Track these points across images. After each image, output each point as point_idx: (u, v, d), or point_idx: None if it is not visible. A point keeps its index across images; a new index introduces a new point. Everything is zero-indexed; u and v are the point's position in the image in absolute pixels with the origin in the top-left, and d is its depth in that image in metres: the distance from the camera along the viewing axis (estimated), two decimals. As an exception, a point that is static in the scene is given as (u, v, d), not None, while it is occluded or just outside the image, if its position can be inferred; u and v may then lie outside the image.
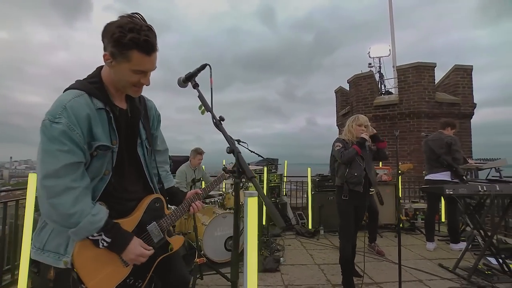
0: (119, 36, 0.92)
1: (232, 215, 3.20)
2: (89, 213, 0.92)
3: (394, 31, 9.61)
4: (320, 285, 2.60)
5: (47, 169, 0.89)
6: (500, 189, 2.66)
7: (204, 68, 1.14)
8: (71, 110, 0.92)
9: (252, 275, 0.99)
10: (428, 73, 7.29)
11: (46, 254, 0.98)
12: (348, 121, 2.71)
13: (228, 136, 1.00)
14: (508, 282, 2.54)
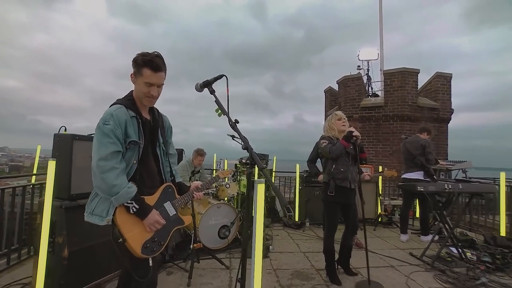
0: (136, 59, 1.39)
1: (225, 205, 3.46)
2: (126, 186, 1.32)
3: (383, 34, 10.01)
4: (305, 269, 2.90)
5: (101, 154, 1.30)
6: (462, 187, 3.05)
7: (220, 77, 1.38)
8: (116, 116, 1.36)
9: (259, 251, 1.23)
10: (412, 78, 7.72)
11: (94, 217, 1.38)
12: (326, 120, 2.82)
13: (243, 136, 1.25)
14: (463, 267, 2.94)
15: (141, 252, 1.33)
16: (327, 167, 2.68)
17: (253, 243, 1.22)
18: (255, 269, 1.21)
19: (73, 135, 2.19)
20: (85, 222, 2.18)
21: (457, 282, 2.65)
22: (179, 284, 2.45)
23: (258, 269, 1.21)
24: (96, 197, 1.40)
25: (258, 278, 1.21)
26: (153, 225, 1.38)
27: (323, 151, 2.66)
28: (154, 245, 1.40)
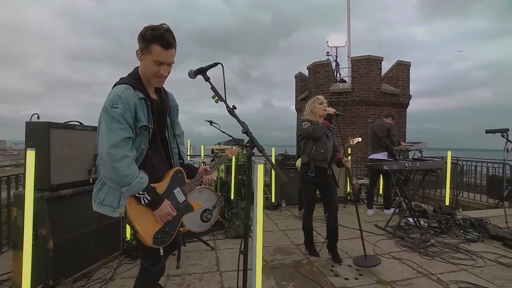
0: (144, 33, 1.25)
1: (206, 189, 3.53)
2: (138, 176, 1.24)
3: (350, 22, 10.37)
4: (285, 245, 3.14)
5: (111, 141, 1.19)
6: (419, 165, 3.48)
7: (216, 65, 1.40)
8: (124, 99, 1.23)
9: (259, 226, 1.35)
10: (376, 65, 8.23)
11: (104, 207, 1.30)
12: (307, 104, 2.85)
13: (241, 121, 1.32)
14: (418, 233, 3.44)
15: (153, 243, 1.31)
16: (307, 149, 2.72)
17: (254, 219, 1.33)
18: (257, 241, 1.33)
19: (49, 123, 2.07)
20: (68, 212, 2.16)
21: (413, 245, 3.08)
22: (168, 267, 2.52)
23: (260, 242, 1.34)
24: (104, 186, 1.32)
25: (260, 250, 1.35)
26: (165, 217, 1.32)
27: (306, 132, 2.67)
28: (165, 235, 1.37)
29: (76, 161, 2.27)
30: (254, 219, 1.34)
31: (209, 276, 2.39)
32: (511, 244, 3.06)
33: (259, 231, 1.33)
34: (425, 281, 2.35)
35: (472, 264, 2.67)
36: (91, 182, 2.35)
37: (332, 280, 2.33)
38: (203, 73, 1.39)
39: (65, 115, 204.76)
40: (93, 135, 2.43)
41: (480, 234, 3.41)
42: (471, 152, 11.55)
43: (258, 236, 1.34)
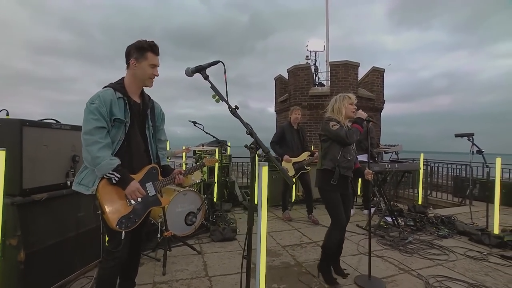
0: (141, 44, 1.61)
1: (191, 192, 3.43)
2: (108, 158, 1.46)
3: (328, 28, 10.70)
4: (272, 247, 3.13)
5: (86, 129, 1.46)
6: (398, 167, 3.66)
7: (215, 63, 1.35)
8: (102, 97, 1.52)
9: (264, 226, 1.32)
10: (353, 71, 8.55)
11: (81, 186, 1.54)
12: (334, 100, 2.45)
13: (245, 122, 1.28)
14: (397, 231, 3.61)
15: (116, 225, 1.48)
16: (331, 153, 2.32)
17: (258, 223, 1.31)
18: (261, 245, 1.30)
19: (22, 120, 1.88)
20: (42, 218, 1.97)
21: (393, 243, 3.23)
22: (153, 274, 2.40)
23: (263, 246, 1.31)
24: (85, 169, 1.56)
25: (263, 255, 1.32)
26: (134, 193, 1.51)
27: (336, 135, 2.28)
28: (129, 222, 1.55)
29: (52, 162, 2.08)
30: (258, 222, 1.31)
31: (198, 281, 2.31)
32: (476, 239, 3.31)
33: (263, 234, 1.30)
34: (407, 277, 2.46)
35: (446, 258, 2.85)
36: (69, 185, 2.17)
37: (321, 281, 2.36)
38: (202, 71, 1.35)
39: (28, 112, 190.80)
40: (71, 135, 2.25)
41: (450, 230, 3.66)
42: (435, 155, 12.47)
43: (262, 239, 1.31)
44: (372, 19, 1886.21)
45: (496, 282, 2.38)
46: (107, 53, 74.06)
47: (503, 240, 3.10)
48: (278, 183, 4.55)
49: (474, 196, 5.45)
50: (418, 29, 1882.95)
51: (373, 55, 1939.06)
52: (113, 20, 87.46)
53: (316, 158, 4.12)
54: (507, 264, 2.73)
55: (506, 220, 4.30)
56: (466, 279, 2.40)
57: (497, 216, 3.40)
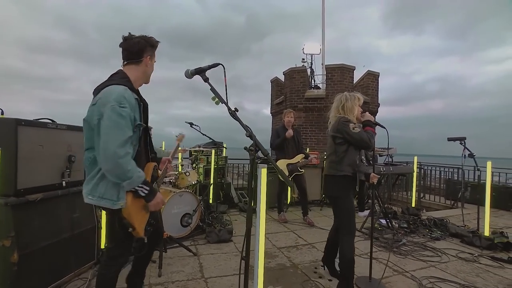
0: (153, 42, 1.57)
1: (187, 193, 3.42)
2: (137, 171, 1.37)
3: (325, 31, 10.80)
4: (268, 249, 3.14)
5: (120, 139, 1.30)
6: (393, 169, 3.72)
7: (215, 66, 1.36)
8: (129, 99, 1.37)
9: (262, 228, 1.33)
10: (348, 74, 8.64)
11: (104, 201, 1.39)
12: (347, 99, 2.26)
13: (245, 125, 1.29)
14: (391, 233, 3.65)
15: (144, 234, 1.50)
16: (349, 158, 2.13)
17: (256, 225, 1.32)
18: (259, 247, 1.31)
19: (17, 120, 1.86)
20: (37, 219, 1.95)
21: (387, 245, 3.27)
22: (149, 275, 2.38)
23: (262, 248, 1.32)
24: (102, 181, 1.38)
25: (262, 256, 1.33)
26: (159, 206, 1.49)
27: (360, 139, 2.10)
28: (150, 225, 1.59)
29: (47, 163, 2.06)
30: (257, 224, 1.32)
31: (194, 283, 2.30)
32: (468, 241, 3.38)
33: (261, 236, 1.31)
34: (401, 279, 2.50)
35: (438, 260, 2.90)
36: (64, 186, 2.15)
37: (316, 282, 2.38)
38: (201, 73, 1.36)
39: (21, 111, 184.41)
40: (67, 135, 2.23)
41: (442, 232, 3.73)
42: (427, 158, 12.68)
43: (261, 241, 1.32)
44: (367, 22, 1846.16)
45: (487, 283, 2.43)
46: (102, 52, 70.54)
47: (493, 242, 3.16)
48: (273, 185, 4.56)
49: (465, 199, 5.55)
50: (412, 33, 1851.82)
51: (367, 58, 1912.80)
52: (107, 19, 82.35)
53: (310, 161, 4.16)
54: (497, 265, 2.79)
55: (496, 222, 4.40)
56: (458, 280, 2.45)
57: (487, 218, 3.48)
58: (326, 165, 2.32)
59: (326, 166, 2.33)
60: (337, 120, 2.24)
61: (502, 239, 3.18)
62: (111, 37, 71.23)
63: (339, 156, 2.17)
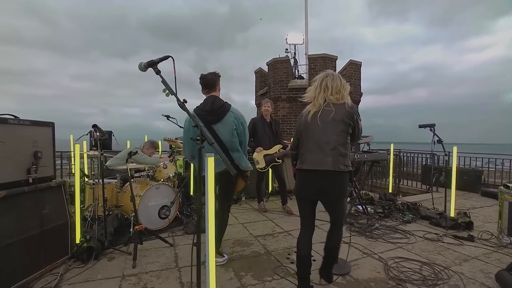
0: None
1: (164, 185, 3.43)
2: None
3: (308, 20, 10.76)
4: (244, 238, 3.22)
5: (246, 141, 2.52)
6: (367, 157, 3.83)
7: (166, 58, 1.38)
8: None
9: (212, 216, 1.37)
10: (331, 64, 8.70)
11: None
12: (341, 81, 1.94)
13: (192, 114, 1.32)
14: (365, 218, 3.79)
15: None
16: (349, 152, 1.93)
17: (206, 208, 1.35)
18: (209, 234, 1.36)
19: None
20: (0, 217, 1.92)
21: (361, 230, 3.41)
22: (123, 267, 2.42)
23: (212, 236, 1.37)
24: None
25: (212, 243, 1.38)
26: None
27: (360, 130, 1.99)
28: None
29: (10, 159, 2.03)
30: (206, 212, 1.36)
31: (167, 272, 2.35)
32: (436, 222, 3.56)
33: (211, 224, 1.36)
34: (369, 260, 2.63)
35: (406, 241, 3.06)
36: (31, 182, 2.13)
37: (288, 267, 2.48)
38: (153, 66, 1.37)
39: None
40: (32, 130, 2.20)
41: (414, 215, 3.91)
42: (412, 145, 13.04)
43: (210, 230, 1.37)
44: (352, 11, 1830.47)
45: (446, 259, 2.60)
46: (78, 45, 67.79)
47: (457, 222, 3.35)
48: (253, 175, 4.62)
49: (440, 183, 5.80)
50: (396, 20, 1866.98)
51: (352, 47, 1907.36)
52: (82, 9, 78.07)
53: (288, 151, 4.22)
54: (457, 243, 2.98)
55: (464, 204, 4.64)
56: (421, 259, 2.60)
57: (453, 200, 3.66)
58: (331, 158, 1.83)
59: (330, 160, 1.83)
60: (350, 105, 1.89)
61: (464, 219, 3.37)
62: (87, 28, 66.50)
63: (348, 149, 1.90)
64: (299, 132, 2.02)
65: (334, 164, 1.84)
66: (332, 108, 1.87)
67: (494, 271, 2.25)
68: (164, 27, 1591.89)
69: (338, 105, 1.88)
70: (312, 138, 1.92)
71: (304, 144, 1.98)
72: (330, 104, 1.89)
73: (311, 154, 1.91)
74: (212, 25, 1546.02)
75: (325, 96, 1.91)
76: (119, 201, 3.30)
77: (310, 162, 1.91)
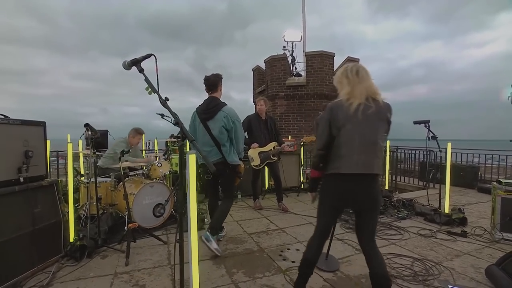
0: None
1: (158, 184, 3.45)
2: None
3: (305, 18, 10.73)
4: (238, 235, 3.23)
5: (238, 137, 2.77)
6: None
7: (149, 56, 1.39)
8: None
9: (193, 218, 1.38)
10: (328, 61, 8.69)
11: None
12: (364, 69, 1.69)
13: (173, 112, 1.33)
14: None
15: None
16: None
17: (188, 205, 1.36)
18: (191, 232, 1.37)
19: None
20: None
21: (354, 227, 3.41)
22: (116, 265, 2.44)
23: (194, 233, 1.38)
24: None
25: (195, 241, 1.39)
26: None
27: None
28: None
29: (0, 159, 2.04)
30: (188, 210, 1.37)
31: (160, 270, 2.37)
32: (430, 219, 3.57)
33: (193, 221, 1.37)
34: (361, 257, 2.58)
35: (400, 238, 3.06)
36: (22, 181, 2.14)
37: (280, 264, 2.49)
38: (137, 64, 1.38)
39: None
40: (22, 130, 2.21)
41: (409, 212, 3.91)
42: (411, 142, 13.04)
43: (193, 226, 1.37)
44: (352, 7, 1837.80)
45: (438, 255, 2.61)
46: (78, 43, 67.75)
47: (451, 218, 3.36)
48: (248, 173, 4.63)
49: (437, 179, 5.79)
50: (396, 16, 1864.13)
51: (352, 45, 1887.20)
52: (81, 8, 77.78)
53: (283, 149, 4.24)
54: (450, 239, 2.99)
55: (460, 200, 4.64)
56: (413, 255, 2.61)
57: (447, 196, 3.67)
58: (379, 161, 1.64)
59: (378, 163, 1.64)
60: (386, 102, 1.67)
61: (458, 215, 3.37)
62: (86, 27, 66.08)
63: (383, 150, 1.77)
64: (337, 127, 1.61)
65: (380, 168, 1.65)
66: (372, 104, 1.59)
67: (485, 266, 2.26)
68: (163, 26, 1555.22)
69: (377, 101, 1.61)
70: (358, 136, 1.58)
71: (344, 143, 1.60)
72: (370, 99, 1.61)
73: (356, 156, 1.58)
74: (211, 23, 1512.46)
75: (365, 88, 1.62)
76: (114, 199, 3.31)
77: (355, 165, 1.58)
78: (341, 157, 1.61)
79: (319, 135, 1.71)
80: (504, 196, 2.89)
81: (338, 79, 1.73)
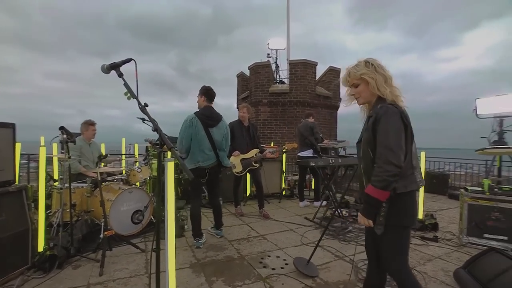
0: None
1: (137, 190, 3.35)
2: None
3: (289, 27, 10.97)
4: (218, 242, 3.20)
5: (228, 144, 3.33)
6: (342, 161, 3.93)
7: (129, 61, 1.37)
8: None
9: (171, 226, 1.36)
10: (311, 69, 8.91)
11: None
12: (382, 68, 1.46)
13: (152, 118, 1.31)
14: (340, 222, 3.87)
15: None
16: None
17: (165, 213, 1.34)
18: (168, 240, 1.35)
19: None
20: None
21: (334, 233, 3.48)
22: (89, 275, 2.33)
23: (172, 241, 1.36)
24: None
25: (172, 249, 1.36)
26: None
27: None
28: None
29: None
30: (166, 217, 1.35)
31: (136, 279, 2.29)
32: (407, 225, 3.71)
33: (170, 229, 1.35)
34: (340, 263, 2.69)
35: (377, 244, 3.15)
36: (-15, 187, 2.00)
37: (260, 272, 2.48)
38: (116, 68, 1.35)
39: None
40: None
41: (386, 218, 4.04)
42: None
43: (170, 234, 1.35)
44: (333, 17, 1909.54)
45: (412, 260, 2.71)
46: (53, 40, 63.28)
47: (424, 223, 3.52)
48: (230, 179, 4.61)
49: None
50: (375, 28, 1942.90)
51: (333, 53, 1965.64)
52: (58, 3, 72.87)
53: (265, 156, 4.26)
54: (423, 244, 3.12)
55: (432, 206, 4.87)
56: (389, 261, 2.69)
57: (421, 203, 3.84)
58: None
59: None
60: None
61: (431, 221, 3.54)
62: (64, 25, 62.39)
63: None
64: (412, 135, 1.38)
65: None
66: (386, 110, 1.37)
67: (453, 269, 2.38)
68: (146, 28, 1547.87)
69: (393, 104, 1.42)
70: (414, 147, 1.41)
71: (413, 152, 1.40)
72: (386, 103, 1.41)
73: (418, 169, 1.43)
74: (195, 26, 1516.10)
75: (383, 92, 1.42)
76: (89, 206, 3.18)
77: (421, 179, 1.43)
78: (415, 169, 1.40)
79: (396, 146, 1.29)
80: (471, 203, 3.07)
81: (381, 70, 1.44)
